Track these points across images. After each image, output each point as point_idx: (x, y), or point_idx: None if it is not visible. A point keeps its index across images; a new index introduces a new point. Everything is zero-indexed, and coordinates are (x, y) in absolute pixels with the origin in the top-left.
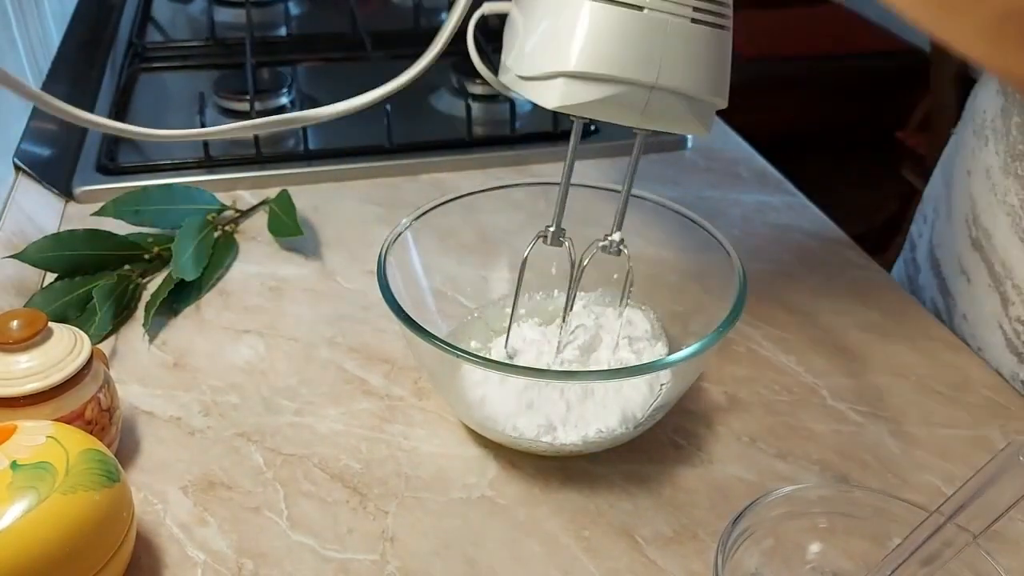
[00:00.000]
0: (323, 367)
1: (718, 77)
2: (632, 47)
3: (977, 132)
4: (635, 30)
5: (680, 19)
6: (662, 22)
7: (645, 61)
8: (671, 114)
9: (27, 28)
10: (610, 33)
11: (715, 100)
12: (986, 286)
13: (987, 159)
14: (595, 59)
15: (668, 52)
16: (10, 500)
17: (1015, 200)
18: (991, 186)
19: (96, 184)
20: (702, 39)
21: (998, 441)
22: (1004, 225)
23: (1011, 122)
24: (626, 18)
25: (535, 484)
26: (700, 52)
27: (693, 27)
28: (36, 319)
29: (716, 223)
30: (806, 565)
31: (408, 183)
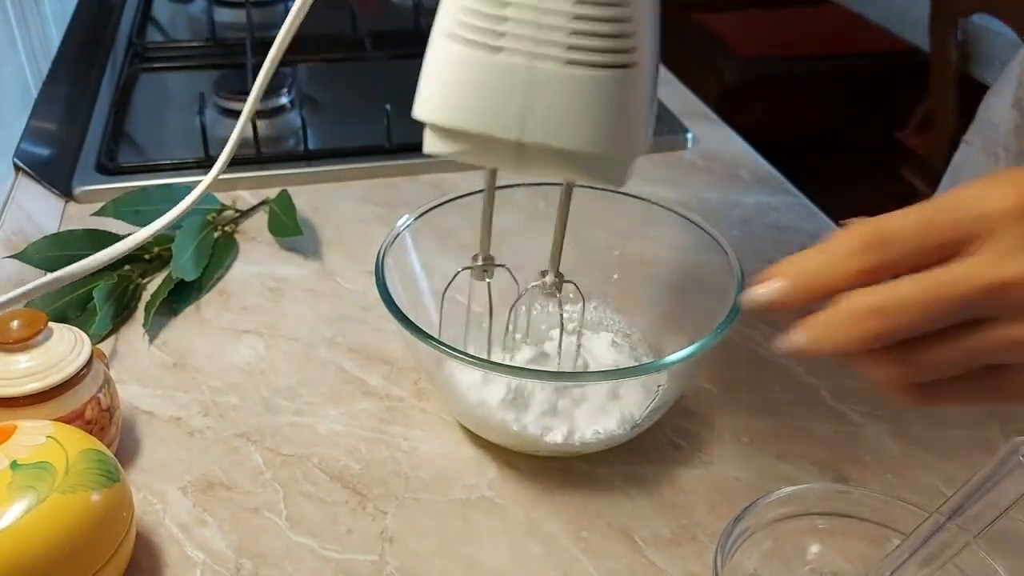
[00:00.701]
0: (323, 367)
1: (617, 126)
2: (487, 97)
3: (987, 147)
4: (491, 76)
5: (549, 62)
6: (523, 68)
7: (504, 113)
8: (558, 169)
9: (27, 28)
10: (462, 80)
11: (612, 154)
12: None
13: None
14: (444, 110)
15: (534, 102)
16: (10, 500)
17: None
18: None
19: (96, 184)
20: (584, 85)
21: (998, 441)
22: None
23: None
24: (481, 62)
25: (534, 485)
26: (581, 101)
27: (569, 72)
28: (36, 319)
29: (716, 224)
30: (806, 566)
31: (408, 183)
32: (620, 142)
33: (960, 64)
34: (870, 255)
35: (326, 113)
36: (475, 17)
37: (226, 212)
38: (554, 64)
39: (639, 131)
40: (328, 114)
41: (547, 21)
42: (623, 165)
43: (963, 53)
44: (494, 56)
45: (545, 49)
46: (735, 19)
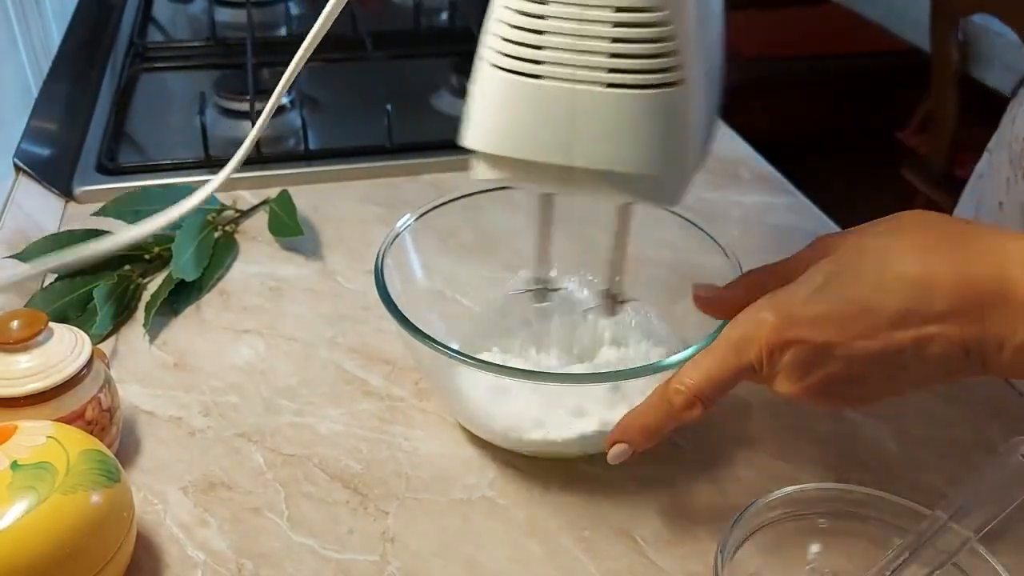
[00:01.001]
0: (323, 367)
1: (665, 146)
2: (532, 123)
3: (1014, 162)
4: (534, 102)
5: (591, 85)
6: (565, 92)
7: (549, 139)
8: (609, 190)
9: (28, 28)
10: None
11: (661, 174)
12: None
13: (1022, 195)
14: (490, 138)
15: (578, 126)
16: (10, 500)
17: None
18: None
19: (96, 184)
20: (628, 107)
21: (998, 441)
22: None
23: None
24: (522, 88)
25: (535, 485)
26: (626, 122)
27: (612, 94)
28: (36, 319)
29: (717, 224)
30: (806, 565)
31: (408, 183)
32: (669, 161)
33: (960, 64)
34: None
35: (326, 113)
36: (513, 43)
37: (226, 212)
38: (596, 87)
39: (690, 148)
40: (328, 114)
41: (586, 45)
42: (675, 183)
43: (963, 53)
44: (536, 82)
45: (586, 73)
46: (735, 19)
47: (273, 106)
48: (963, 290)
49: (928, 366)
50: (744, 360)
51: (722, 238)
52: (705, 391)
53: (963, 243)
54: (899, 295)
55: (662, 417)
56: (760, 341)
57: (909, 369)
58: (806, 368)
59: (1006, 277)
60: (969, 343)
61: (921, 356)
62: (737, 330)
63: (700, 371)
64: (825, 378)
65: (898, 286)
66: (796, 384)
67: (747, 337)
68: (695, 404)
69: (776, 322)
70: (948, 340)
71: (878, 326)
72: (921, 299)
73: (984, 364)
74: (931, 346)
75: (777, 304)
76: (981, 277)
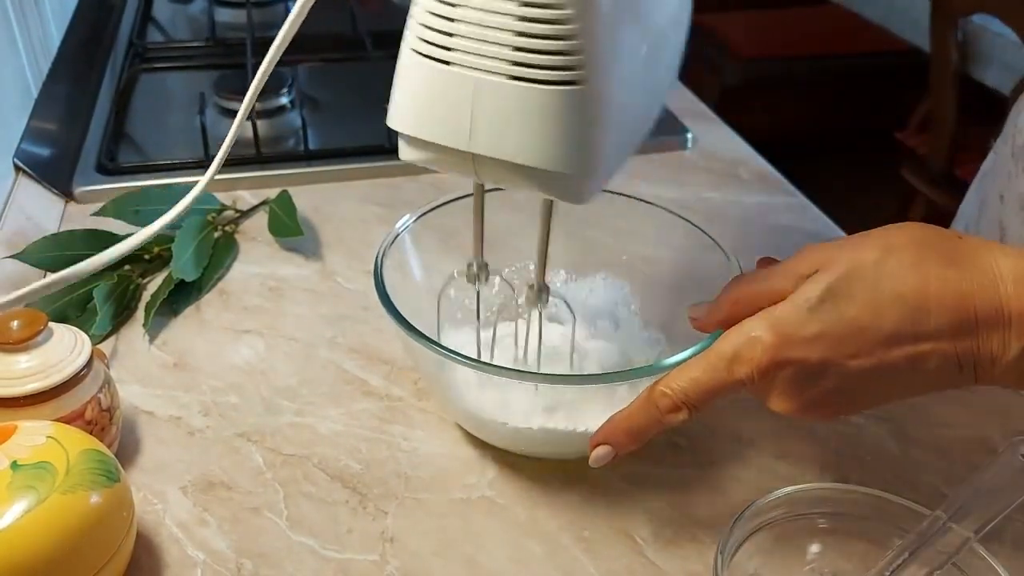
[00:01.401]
0: (323, 367)
1: (566, 144)
2: (439, 107)
3: (1016, 155)
4: (442, 87)
5: (495, 75)
6: (471, 79)
7: (454, 124)
8: (512, 181)
9: (27, 28)
10: (418, 90)
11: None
12: None
13: (1022, 187)
14: (406, 120)
15: (481, 114)
16: (10, 500)
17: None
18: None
19: (96, 184)
20: (528, 100)
21: (998, 441)
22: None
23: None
24: (433, 73)
25: (535, 485)
26: (526, 115)
27: (513, 85)
28: (36, 319)
29: (717, 224)
30: (806, 566)
31: (408, 183)
32: (570, 159)
33: (960, 64)
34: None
35: (326, 113)
36: (428, 29)
37: (226, 212)
38: (500, 77)
39: (597, 149)
40: (328, 114)
41: (493, 36)
42: (580, 182)
43: (963, 53)
44: (445, 68)
45: (491, 63)
46: (735, 19)
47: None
48: (957, 308)
49: (921, 379)
50: (736, 376)
51: (722, 238)
52: (692, 398)
53: (956, 260)
54: (894, 315)
55: (647, 420)
56: (754, 362)
57: (903, 383)
58: (800, 386)
59: (999, 294)
60: (963, 358)
61: (915, 370)
62: (730, 345)
63: (689, 378)
64: (819, 394)
65: (893, 305)
66: (791, 401)
67: (740, 355)
68: (680, 409)
69: (771, 343)
70: (942, 356)
71: (874, 345)
72: (915, 318)
73: (977, 376)
74: (925, 362)
75: (772, 323)
76: (974, 294)
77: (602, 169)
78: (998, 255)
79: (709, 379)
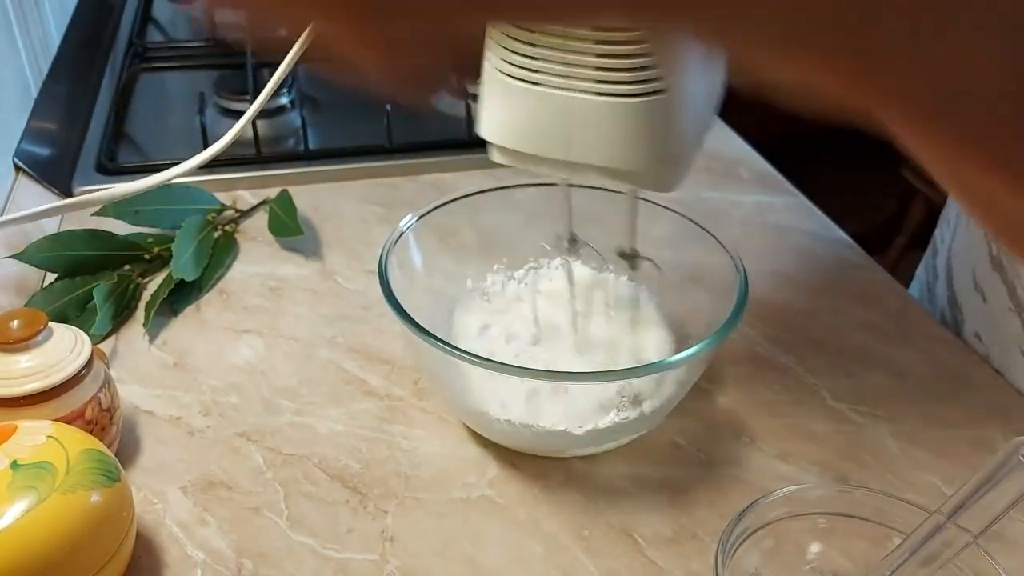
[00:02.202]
0: (323, 367)
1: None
2: (533, 122)
3: None
4: (533, 106)
5: (582, 93)
6: (560, 98)
7: (549, 137)
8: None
9: (27, 28)
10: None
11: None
12: (1006, 309)
13: None
14: (499, 132)
15: (574, 128)
16: (10, 500)
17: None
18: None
19: (96, 184)
20: (617, 113)
21: (998, 441)
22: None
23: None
24: (523, 93)
25: (535, 484)
26: (616, 127)
27: (603, 102)
28: (36, 319)
29: (717, 224)
30: (806, 565)
31: (408, 183)
32: (656, 158)
33: None
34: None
35: (326, 113)
36: (511, 52)
37: (226, 212)
38: (587, 95)
39: (677, 145)
40: (328, 114)
41: (575, 59)
42: (667, 174)
43: None
44: (533, 88)
45: (578, 82)
46: None
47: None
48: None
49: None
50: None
51: (722, 238)
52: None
53: None
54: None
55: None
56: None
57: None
58: None
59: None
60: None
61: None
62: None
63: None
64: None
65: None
66: None
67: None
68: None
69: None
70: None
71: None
72: None
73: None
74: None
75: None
76: None
77: (684, 158)
78: None
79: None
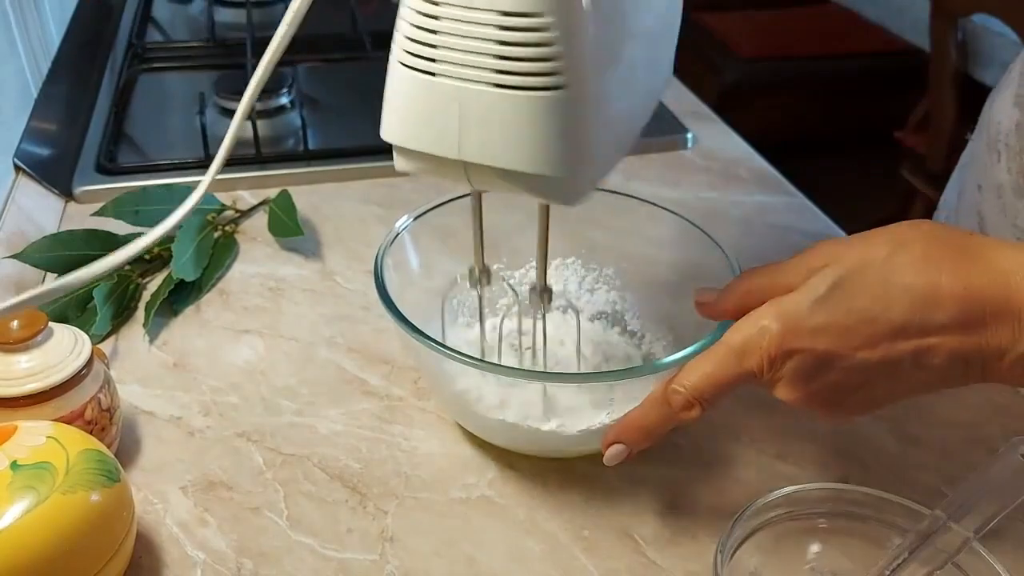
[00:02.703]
0: (323, 367)
1: (553, 147)
2: (428, 118)
3: (990, 145)
4: (429, 98)
5: (479, 84)
6: (456, 90)
7: (443, 134)
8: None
9: (27, 29)
10: (406, 102)
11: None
12: None
13: (999, 176)
14: (397, 131)
15: (468, 123)
16: (10, 500)
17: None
18: (1002, 206)
19: (96, 184)
20: (513, 107)
21: (998, 441)
22: None
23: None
24: (419, 85)
25: (535, 484)
26: (512, 122)
27: (498, 93)
28: (36, 319)
29: (716, 224)
30: (806, 565)
31: (407, 183)
32: (557, 163)
33: (960, 64)
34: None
35: (326, 113)
36: (413, 41)
37: (226, 212)
38: (484, 86)
39: (585, 153)
40: (328, 114)
41: (475, 46)
42: (571, 184)
43: (963, 53)
44: (431, 78)
45: (475, 72)
46: (735, 19)
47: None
48: (966, 301)
49: (926, 375)
50: (746, 367)
51: (722, 238)
52: (704, 393)
53: (966, 255)
54: (902, 306)
55: (661, 417)
56: (763, 350)
57: (907, 379)
58: (807, 376)
59: (1010, 287)
60: (969, 354)
61: (919, 366)
62: (740, 336)
63: (701, 373)
64: (825, 386)
65: (901, 297)
66: (797, 392)
67: (749, 345)
68: (694, 405)
69: (779, 331)
70: (948, 351)
71: (880, 337)
72: (924, 310)
73: (984, 372)
74: (930, 357)
75: (781, 313)
76: (984, 288)
77: (592, 170)
78: (1008, 250)
79: (721, 373)
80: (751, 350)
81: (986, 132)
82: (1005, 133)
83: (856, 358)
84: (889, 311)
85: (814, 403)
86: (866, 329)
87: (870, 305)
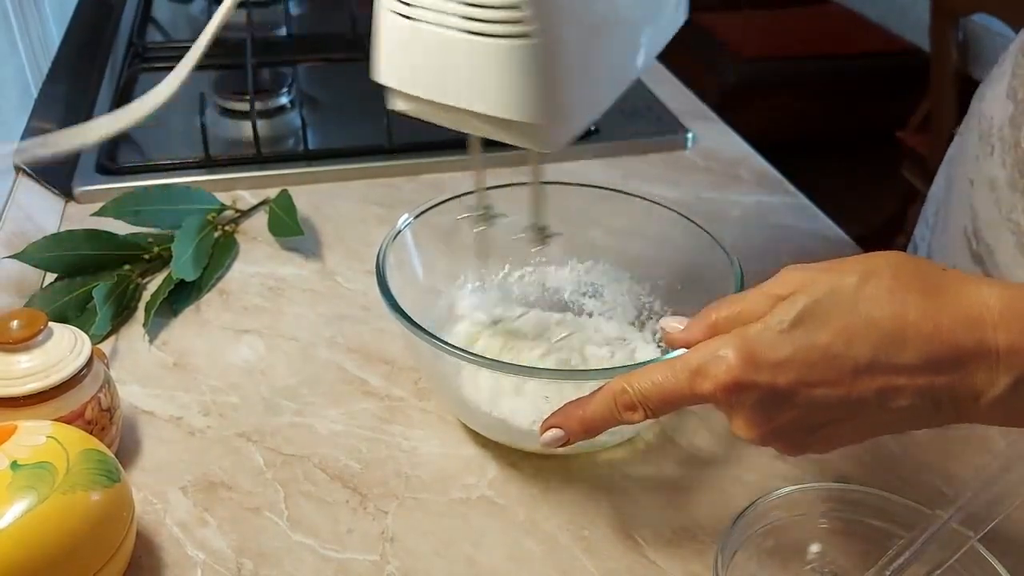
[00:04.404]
0: (323, 367)
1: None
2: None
3: (983, 138)
4: (409, 42)
5: (452, 31)
6: (432, 34)
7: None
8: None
9: (27, 28)
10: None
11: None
12: None
13: (992, 170)
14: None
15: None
16: (10, 500)
17: (1021, 218)
18: (995, 200)
19: (96, 184)
20: (484, 53)
21: (998, 441)
22: (1008, 244)
23: (1021, 133)
24: (400, 28)
25: (535, 484)
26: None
27: (468, 40)
28: (36, 319)
29: (716, 223)
30: (806, 565)
31: (408, 183)
32: (530, 109)
33: (960, 64)
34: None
35: (326, 113)
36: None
37: (226, 212)
38: (456, 32)
39: (559, 100)
40: (328, 114)
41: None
42: (545, 131)
43: (963, 53)
44: (409, 22)
45: (448, 19)
46: (735, 19)
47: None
48: (936, 340)
49: (893, 416)
50: (697, 390)
51: (722, 238)
52: (650, 401)
53: (938, 290)
54: (868, 343)
55: (604, 412)
56: (717, 380)
57: (873, 419)
58: (765, 413)
59: (984, 327)
60: (939, 395)
61: (884, 407)
62: (697, 358)
63: (652, 381)
64: (786, 423)
65: (867, 333)
66: (753, 429)
67: (704, 370)
68: (637, 408)
69: (736, 363)
70: (915, 391)
71: (843, 373)
72: (890, 348)
73: (958, 414)
74: (898, 397)
75: (742, 344)
76: (957, 327)
77: (570, 118)
78: (982, 287)
79: (670, 387)
80: (706, 375)
81: (977, 126)
82: (999, 126)
83: (816, 395)
84: (853, 347)
85: (775, 441)
86: (829, 364)
87: (834, 339)
